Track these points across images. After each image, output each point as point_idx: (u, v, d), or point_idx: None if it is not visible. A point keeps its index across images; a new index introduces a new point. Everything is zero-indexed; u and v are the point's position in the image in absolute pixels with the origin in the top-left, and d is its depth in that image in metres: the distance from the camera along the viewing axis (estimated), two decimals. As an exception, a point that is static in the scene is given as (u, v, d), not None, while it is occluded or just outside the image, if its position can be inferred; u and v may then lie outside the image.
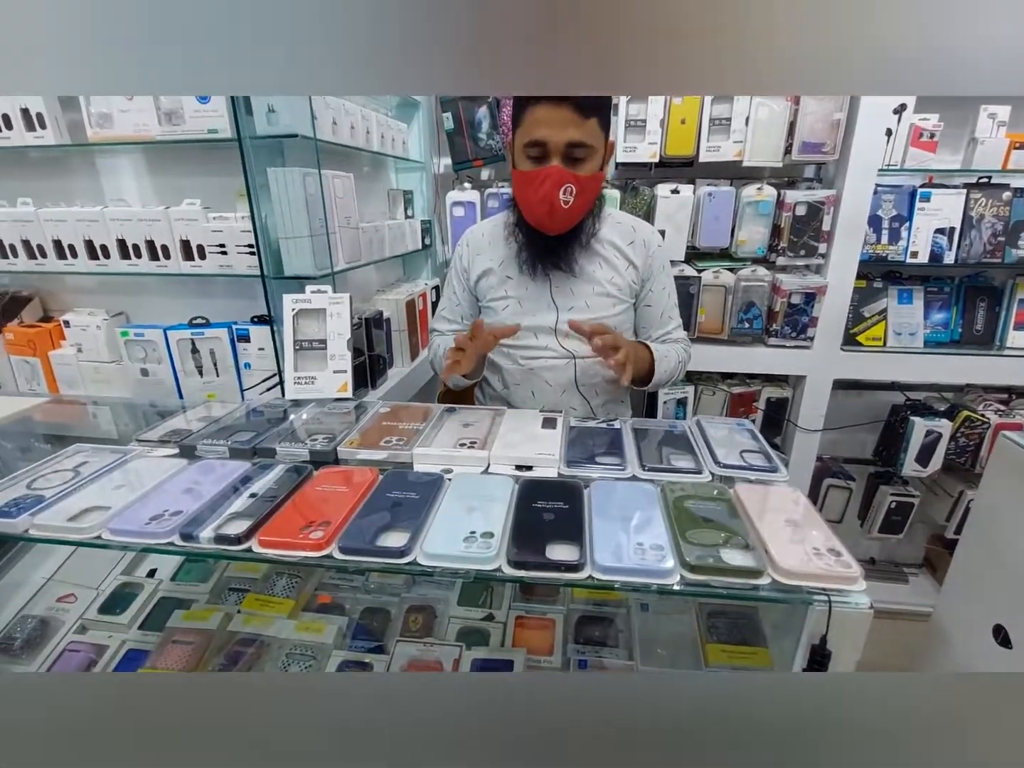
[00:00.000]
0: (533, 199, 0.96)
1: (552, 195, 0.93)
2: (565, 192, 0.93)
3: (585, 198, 0.97)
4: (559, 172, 0.92)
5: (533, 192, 0.95)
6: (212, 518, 0.69)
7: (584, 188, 0.95)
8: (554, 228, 1.00)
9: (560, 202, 0.94)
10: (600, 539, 0.64)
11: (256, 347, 1.21)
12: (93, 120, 1.09)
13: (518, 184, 0.99)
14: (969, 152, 1.56)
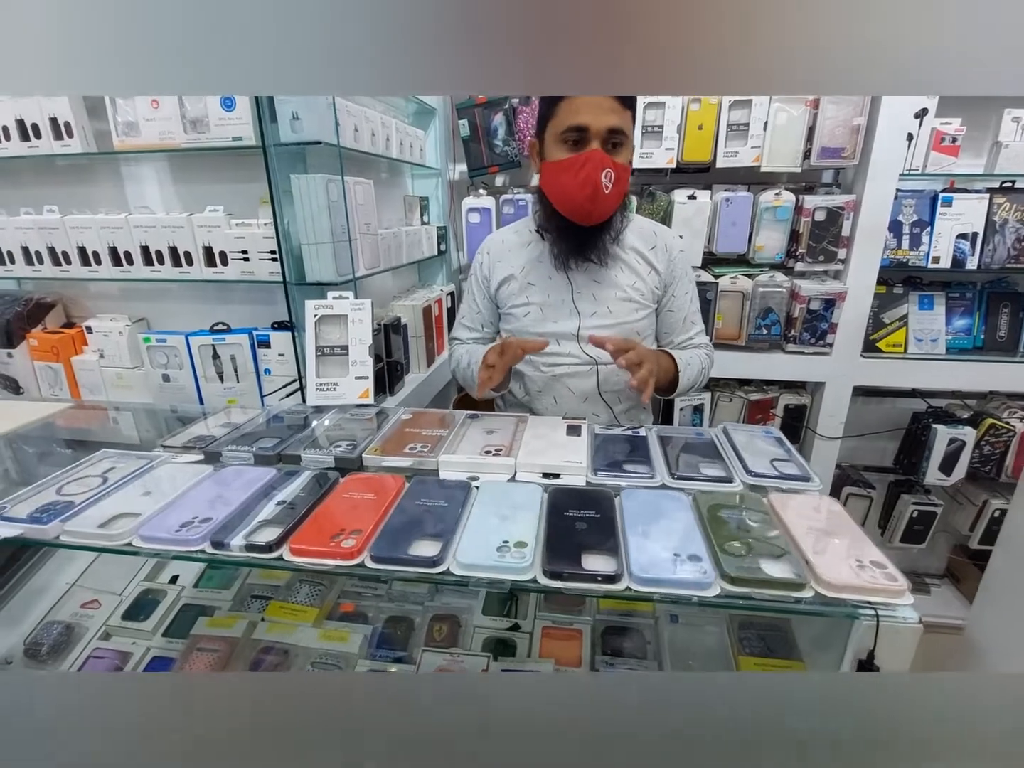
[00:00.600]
0: (572, 184, 0.94)
1: (595, 177, 0.92)
2: (606, 177, 0.92)
3: (620, 188, 0.96)
4: (601, 156, 0.92)
5: (572, 177, 0.94)
6: (242, 526, 0.68)
7: (620, 177, 0.95)
8: (595, 212, 0.97)
9: (603, 186, 0.92)
10: (636, 549, 0.63)
11: (276, 353, 1.21)
12: (119, 128, 1.10)
13: (552, 173, 0.98)
14: (992, 156, 1.55)
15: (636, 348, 0.92)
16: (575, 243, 1.03)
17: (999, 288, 1.74)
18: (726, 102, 1.55)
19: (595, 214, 0.98)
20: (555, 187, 0.99)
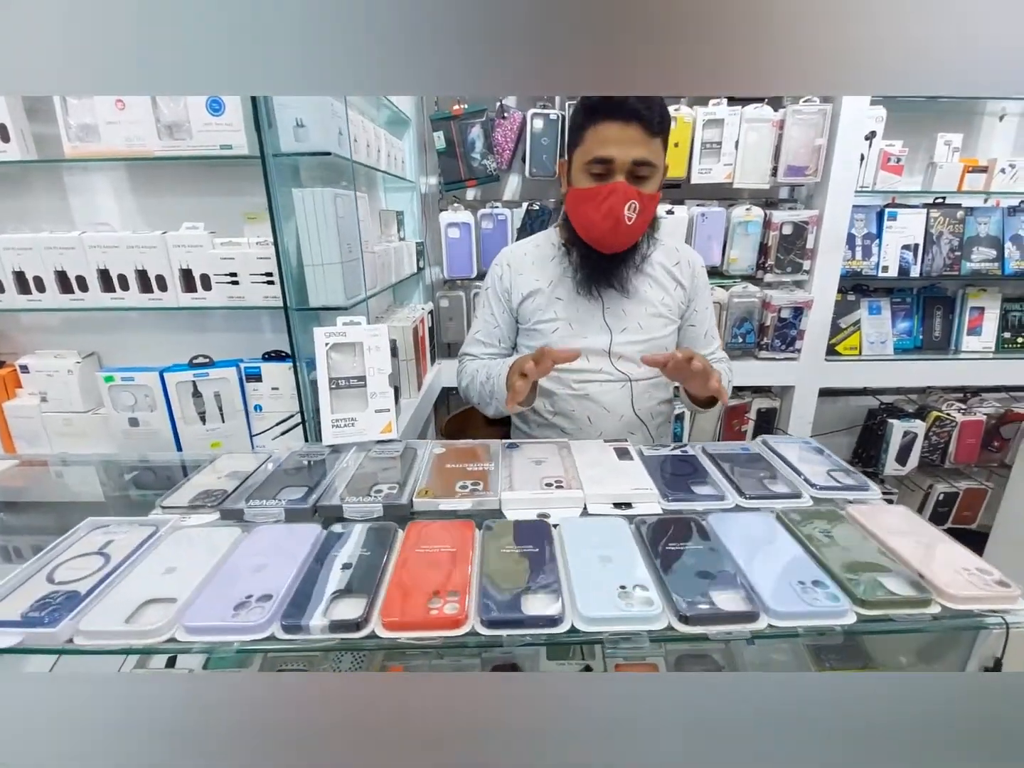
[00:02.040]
0: (595, 216, 0.93)
1: (618, 211, 0.90)
2: (630, 209, 0.91)
3: (645, 217, 0.95)
4: (625, 188, 0.90)
5: (595, 209, 0.92)
6: (313, 600, 0.58)
7: (646, 207, 0.93)
8: (616, 245, 0.97)
9: (625, 218, 0.91)
10: (759, 581, 0.60)
11: (269, 387, 1.07)
12: (72, 133, 0.93)
13: (576, 201, 0.96)
14: (929, 175, 1.71)
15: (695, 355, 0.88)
16: (597, 270, 1.02)
17: (932, 293, 1.93)
18: (700, 121, 1.60)
19: (616, 245, 0.98)
20: (578, 215, 0.98)
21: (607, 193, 0.90)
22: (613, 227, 0.92)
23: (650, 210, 0.96)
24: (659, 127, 0.90)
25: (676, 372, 0.91)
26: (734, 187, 1.67)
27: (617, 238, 0.95)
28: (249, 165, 0.93)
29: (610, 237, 0.94)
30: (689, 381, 0.94)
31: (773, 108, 1.62)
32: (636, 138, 0.88)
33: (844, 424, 2.09)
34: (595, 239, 0.97)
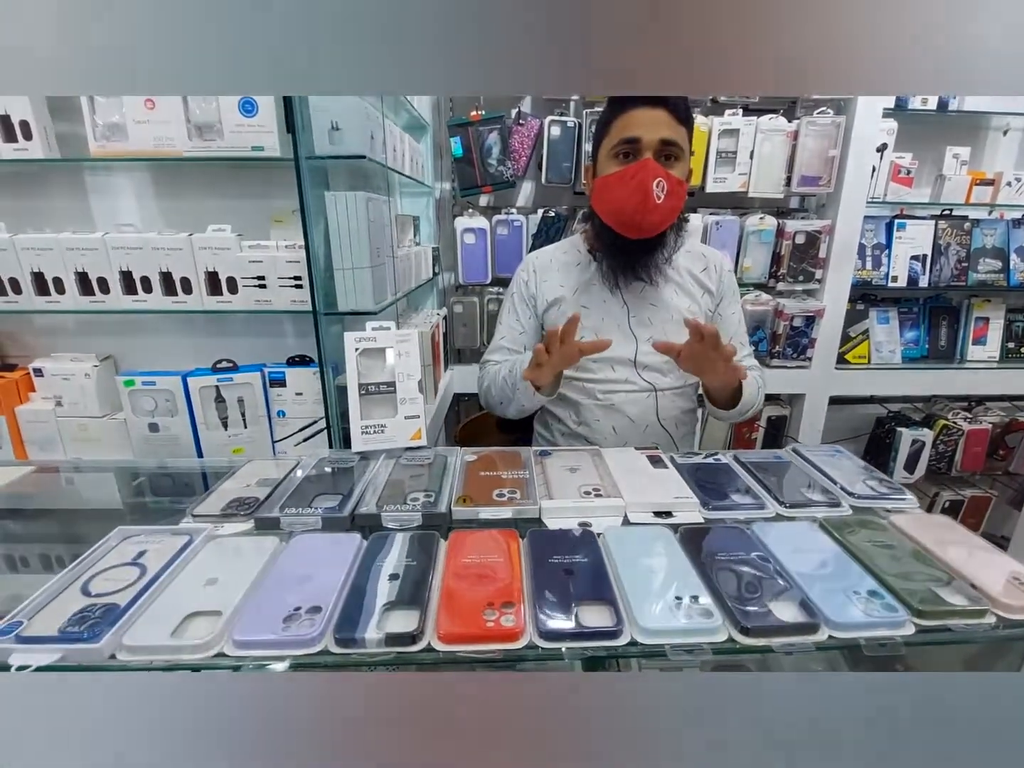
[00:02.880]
0: (623, 194, 0.92)
1: (647, 184, 0.89)
2: (658, 186, 0.90)
3: (673, 202, 0.94)
4: (653, 165, 0.90)
5: (623, 187, 0.92)
6: (365, 613, 0.56)
7: (673, 190, 0.93)
8: (645, 225, 0.94)
9: (654, 195, 0.90)
10: (814, 591, 0.60)
11: (293, 392, 1.06)
12: (99, 132, 0.91)
13: (603, 187, 0.96)
14: (938, 187, 1.74)
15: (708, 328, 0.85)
16: (625, 259, 1.00)
17: (938, 303, 1.95)
18: (716, 131, 1.61)
19: (645, 225, 0.94)
20: (606, 200, 0.96)
21: (636, 170, 0.90)
22: (642, 202, 0.90)
23: (678, 195, 0.94)
24: (684, 115, 0.93)
25: (689, 361, 0.90)
26: (749, 196, 1.68)
27: (646, 216, 0.92)
28: (278, 167, 0.92)
29: (639, 215, 0.92)
30: (706, 370, 0.91)
31: (787, 119, 1.63)
32: (663, 120, 0.90)
33: (852, 432, 2.10)
34: (624, 221, 0.95)
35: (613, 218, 0.97)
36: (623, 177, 0.92)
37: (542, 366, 0.89)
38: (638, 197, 0.91)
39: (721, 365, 0.88)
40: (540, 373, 0.90)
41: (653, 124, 0.91)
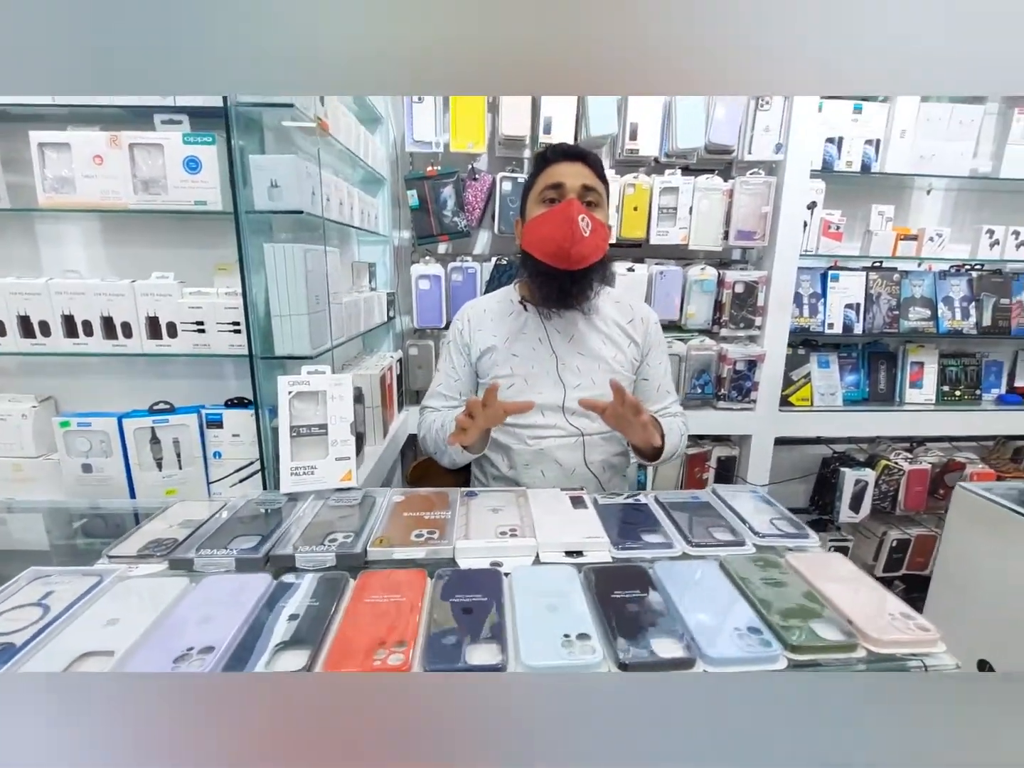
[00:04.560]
0: (552, 227, 0.99)
1: (572, 217, 0.97)
2: (583, 221, 0.98)
3: (597, 239, 1.01)
4: (577, 202, 0.99)
5: (552, 221, 0.99)
6: (256, 652, 0.58)
7: (597, 228, 1.00)
8: (575, 252, 0.98)
9: (580, 227, 0.97)
10: (697, 628, 0.62)
11: (230, 434, 1.08)
12: (47, 184, 0.96)
13: (534, 226, 1.03)
14: (866, 241, 1.86)
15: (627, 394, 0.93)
16: (556, 289, 1.05)
17: (876, 349, 2.06)
18: (657, 188, 1.72)
19: (574, 254, 0.99)
20: (536, 236, 1.02)
21: (562, 207, 0.99)
22: (570, 233, 0.96)
23: (601, 235, 1.03)
24: (600, 174, 1.05)
25: (614, 419, 0.95)
26: (689, 248, 1.78)
27: (575, 245, 0.97)
28: (224, 219, 0.97)
29: (568, 243, 0.97)
30: (627, 429, 0.97)
31: (723, 179, 1.76)
32: (583, 172, 1.02)
33: (801, 472, 2.16)
34: (554, 251, 1.00)
35: (544, 250, 1.02)
36: (551, 213, 1.00)
37: (467, 430, 0.93)
38: (566, 228, 0.97)
39: (639, 428, 0.94)
40: (465, 436, 0.94)
41: (574, 174, 1.02)
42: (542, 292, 1.07)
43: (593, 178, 1.04)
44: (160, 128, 0.96)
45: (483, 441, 1.06)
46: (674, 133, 1.68)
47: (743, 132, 1.70)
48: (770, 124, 1.67)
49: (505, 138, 1.70)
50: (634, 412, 0.92)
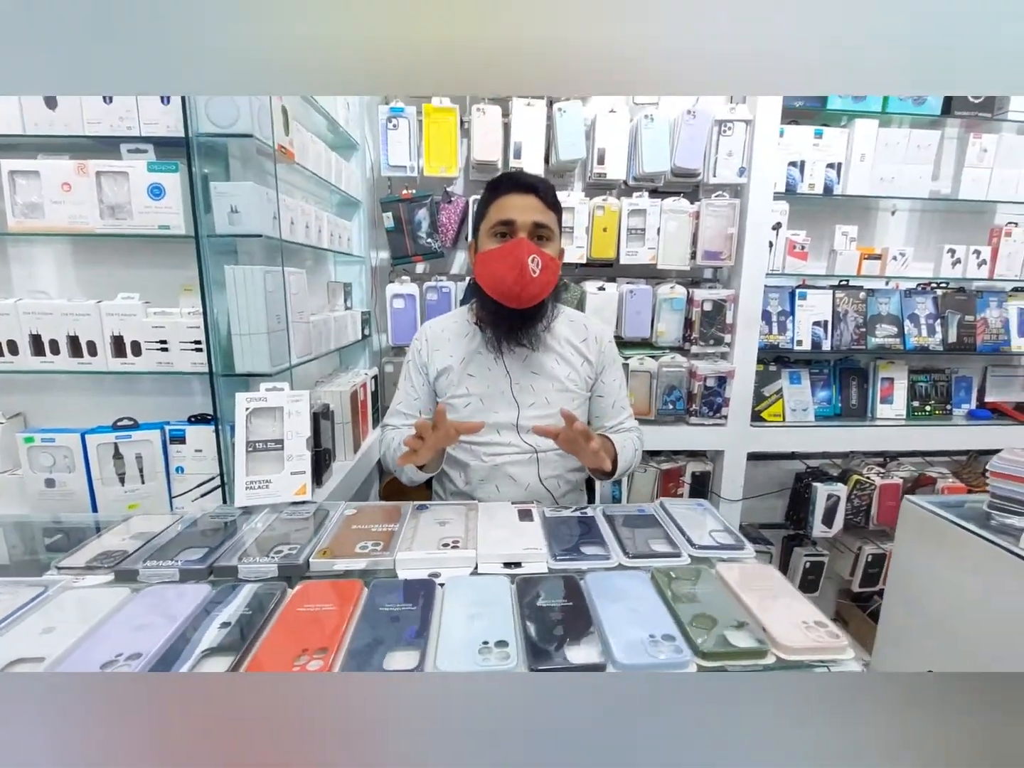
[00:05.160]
0: (502, 268, 1.00)
1: (523, 259, 0.98)
2: (533, 261, 1.00)
3: (547, 275, 1.03)
4: (527, 242, 1.00)
5: (503, 262, 1.00)
6: (182, 658, 0.60)
7: (547, 265, 1.02)
8: (523, 296, 1.01)
9: (529, 269, 0.99)
10: (613, 636, 0.65)
11: (192, 449, 1.11)
12: (18, 209, 1.00)
13: (484, 262, 1.04)
14: (831, 261, 1.91)
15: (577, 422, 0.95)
16: (507, 327, 1.08)
17: (847, 365, 2.09)
18: (625, 210, 1.77)
19: (524, 296, 1.02)
20: (487, 273, 1.04)
21: (512, 247, 1.00)
22: (520, 275, 0.98)
23: (552, 270, 1.04)
24: (552, 203, 1.05)
25: (567, 444, 0.98)
26: (658, 268, 1.83)
27: (524, 288, 1.00)
28: (187, 243, 1.01)
29: (518, 287, 1.00)
30: (579, 454, 0.99)
31: (690, 201, 1.81)
32: (534, 206, 1.02)
33: (776, 487, 2.18)
34: (504, 292, 1.02)
35: (495, 290, 1.04)
36: (502, 252, 1.01)
37: (417, 451, 0.95)
38: (516, 271, 0.99)
39: (590, 453, 0.96)
40: (416, 457, 0.96)
41: (526, 209, 1.02)
42: (492, 329, 1.09)
43: (544, 211, 1.03)
44: (127, 157, 1.01)
45: (438, 460, 1.09)
46: (640, 158, 1.74)
47: (707, 156, 1.76)
48: (733, 149, 1.73)
49: (477, 162, 1.75)
50: (584, 439, 0.95)
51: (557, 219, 1.08)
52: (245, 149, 1.06)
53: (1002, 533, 1.04)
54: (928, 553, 1.10)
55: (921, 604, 1.10)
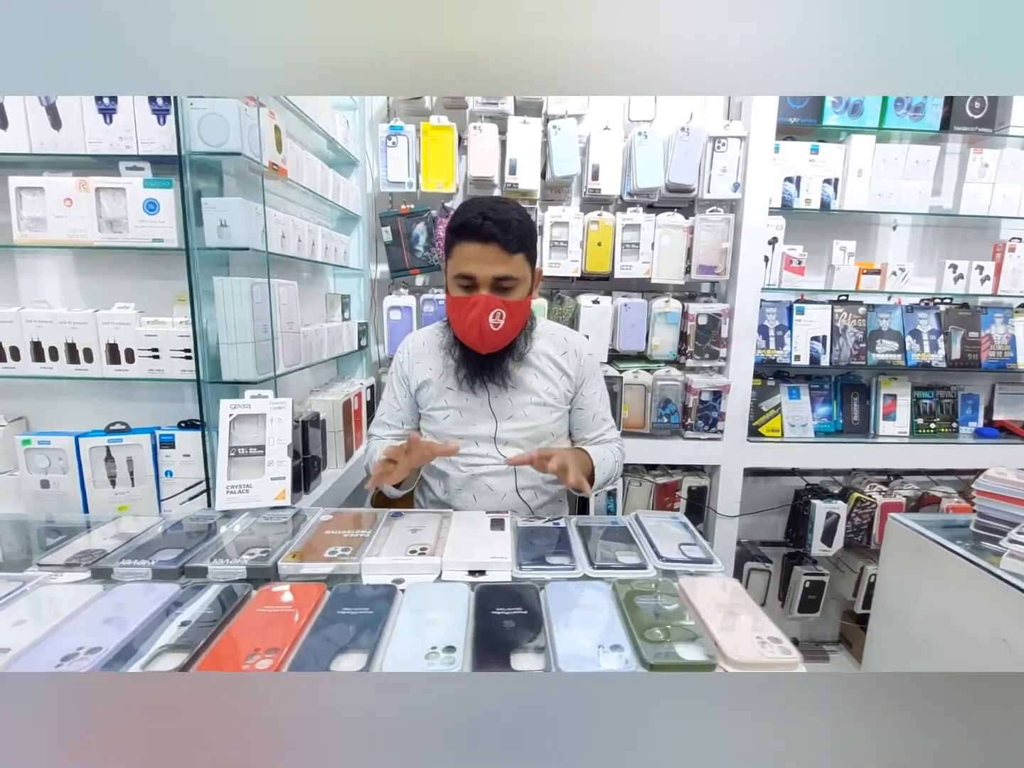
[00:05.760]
0: (464, 323, 1.02)
1: (482, 320, 0.99)
2: (495, 316, 1.00)
3: (514, 321, 1.04)
4: (487, 300, 0.99)
5: (464, 316, 1.01)
6: (138, 654, 0.62)
7: (513, 313, 1.02)
8: (486, 348, 1.05)
9: (490, 325, 1.00)
10: (562, 644, 0.65)
11: (181, 454, 1.14)
12: (23, 223, 1.06)
13: (451, 308, 1.05)
14: (829, 276, 1.90)
15: (554, 454, 0.96)
16: (476, 365, 1.09)
17: (848, 380, 2.06)
18: (620, 225, 1.79)
19: (486, 345, 1.04)
20: (453, 320, 1.07)
21: (471, 304, 0.99)
22: (479, 335, 1.01)
23: (519, 314, 1.04)
24: (517, 245, 0.98)
25: (543, 469, 0.99)
26: (652, 282, 1.84)
27: (484, 343, 1.03)
28: (180, 255, 1.06)
29: (478, 344, 1.04)
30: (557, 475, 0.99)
31: (686, 216, 1.82)
32: (495, 256, 0.97)
33: (775, 503, 2.14)
34: (468, 342, 1.06)
35: (460, 336, 1.07)
36: (463, 307, 1.00)
37: (389, 474, 0.98)
38: (475, 331, 1.01)
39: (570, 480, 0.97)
40: (389, 478, 0.99)
41: (487, 261, 0.98)
42: (463, 368, 1.10)
43: (507, 260, 0.98)
44: (125, 174, 1.06)
45: (413, 478, 1.13)
46: (635, 174, 1.76)
47: (702, 172, 1.77)
48: (727, 164, 1.74)
49: (474, 178, 1.79)
50: (561, 473, 0.96)
51: (527, 256, 1.03)
52: (237, 166, 1.11)
53: (988, 553, 1.02)
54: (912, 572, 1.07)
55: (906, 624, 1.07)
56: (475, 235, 0.97)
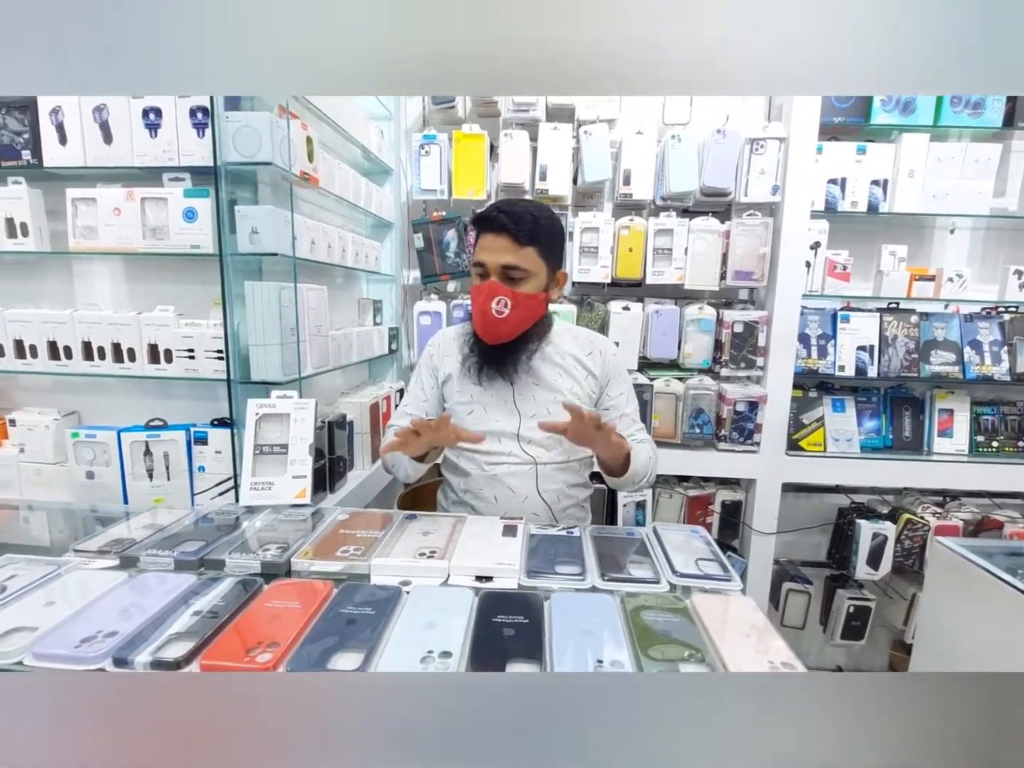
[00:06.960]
0: (474, 310, 1.08)
1: (485, 306, 1.04)
2: (498, 303, 1.03)
3: (521, 313, 1.06)
4: (492, 286, 1.04)
5: (474, 303, 1.08)
6: (151, 640, 0.65)
7: (519, 303, 1.04)
8: (487, 336, 1.08)
9: (492, 312, 1.04)
10: (560, 656, 0.64)
11: (213, 450, 1.19)
12: (77, 231, 1.14)
13: (471, 296, 1.11)
14: (877, 282, 1.80)
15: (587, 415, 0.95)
16: (486, 357, 1.12)
17: (899, 393, 1.94)
18: (652, 230, 1.76)
19: (492, 336, 1.08)
20: (472, 308, 1.11)
21: (479, 291, 1.06)
22: (483, 321, 1.06)
23: (527, 307, 1.06)
24: (528, 238, 1.03)
25: (576, 436, 0.98)
26: (685, 288, 1.79)
27: (488, 330, 1.07)
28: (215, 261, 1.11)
29: (481, 329, 1.08)
30: (593, 444, 1.01)
31: (720, 220, 1.77)
32: (505, 246, 1.03)
33: (817, 521, 2.03)
34: (478, 329, 1.10)
35: (475, 327, 1.12)
36: (475, 294, 1.08)
37: (407, 444, 0.99)
38: (479, 317, 1.07)
39: (604, 439, 0.97)
40: (406, 448, 1.00)
41: (497, 251, 1.03)
42: (473, 356, 1.14)
43: (516, 251, 1.03)
44: (167, 184, 1.13)
45: (433, 455, 1.15)
46: (667, 178, 1.72)
47: (739, 175, 1.72)
48: (765, 167, 1.68)
49: (505, 185, 1.80)
50: (595, 425, 0.95)
51: (540, 251, 1.05)
52: (271, 176, 1.15)
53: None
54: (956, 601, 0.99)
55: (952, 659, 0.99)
56: (489, 226, 1.04)
